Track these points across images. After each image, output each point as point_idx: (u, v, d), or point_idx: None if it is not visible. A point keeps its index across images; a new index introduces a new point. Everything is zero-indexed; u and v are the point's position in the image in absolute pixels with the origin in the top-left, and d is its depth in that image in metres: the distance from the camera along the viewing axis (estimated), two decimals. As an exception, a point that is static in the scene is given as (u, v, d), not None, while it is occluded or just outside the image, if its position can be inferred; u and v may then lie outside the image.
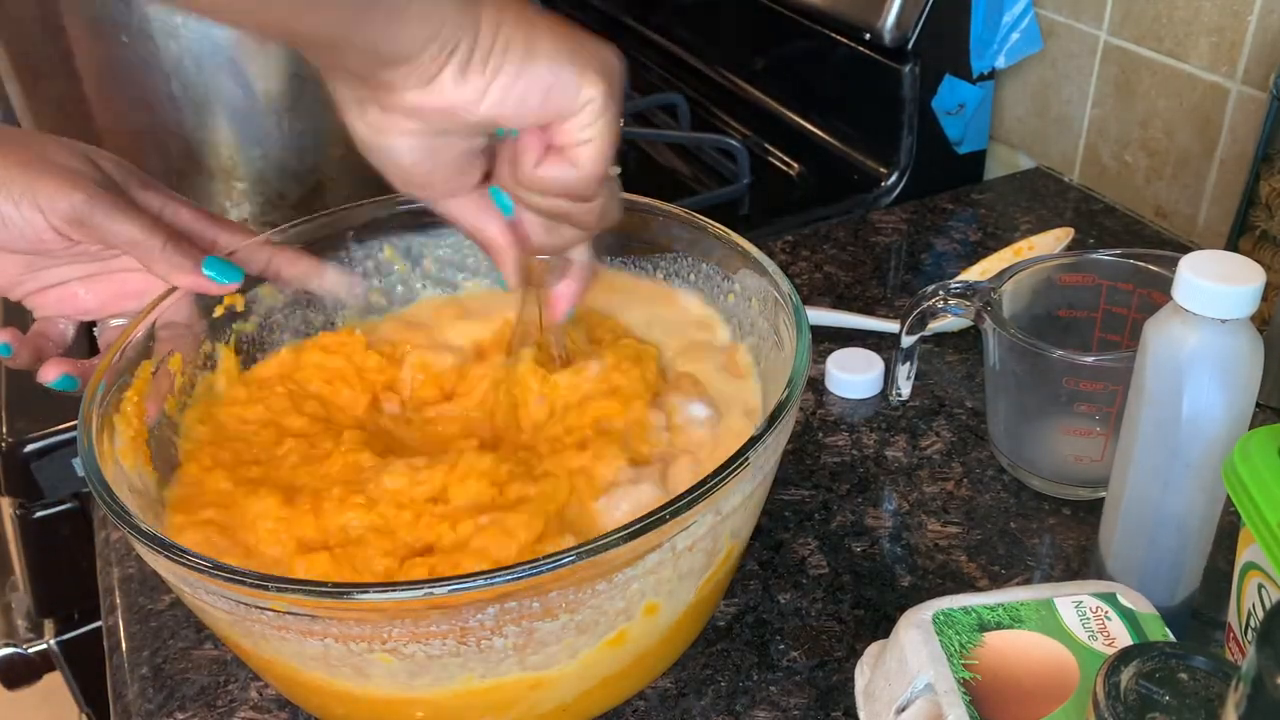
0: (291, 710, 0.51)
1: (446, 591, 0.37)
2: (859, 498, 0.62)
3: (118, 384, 0.49)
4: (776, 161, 1.02)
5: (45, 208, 0.49)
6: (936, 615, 0.43)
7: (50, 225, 0.49)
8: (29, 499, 0.72)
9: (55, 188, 0.49)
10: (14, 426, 0.70)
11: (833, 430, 0.67)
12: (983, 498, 0.61)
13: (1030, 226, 0.86)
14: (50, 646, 0.77)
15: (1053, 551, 0.58)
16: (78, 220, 0.49)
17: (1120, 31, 0.83)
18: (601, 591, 0.41)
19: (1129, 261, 0.58)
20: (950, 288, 0.58)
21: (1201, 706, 0.34)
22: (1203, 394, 0.43)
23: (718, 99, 1.11)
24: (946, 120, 0.92)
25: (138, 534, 0.41)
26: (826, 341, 0.73)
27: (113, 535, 0.62)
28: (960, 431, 0.66)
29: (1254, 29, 0.73)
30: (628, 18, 1.27)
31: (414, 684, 0.42)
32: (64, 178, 0.49)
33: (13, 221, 0.49)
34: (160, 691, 0.53)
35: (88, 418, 0.47)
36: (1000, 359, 0.58)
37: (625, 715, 0.50)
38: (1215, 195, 0.80)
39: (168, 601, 0.57)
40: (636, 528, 0.39)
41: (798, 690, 0.51)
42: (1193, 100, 0.79)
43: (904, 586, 0.56)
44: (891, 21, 0.87)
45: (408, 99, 0.41)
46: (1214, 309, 0.42)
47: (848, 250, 0.85)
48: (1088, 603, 0.44)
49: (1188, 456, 0.45)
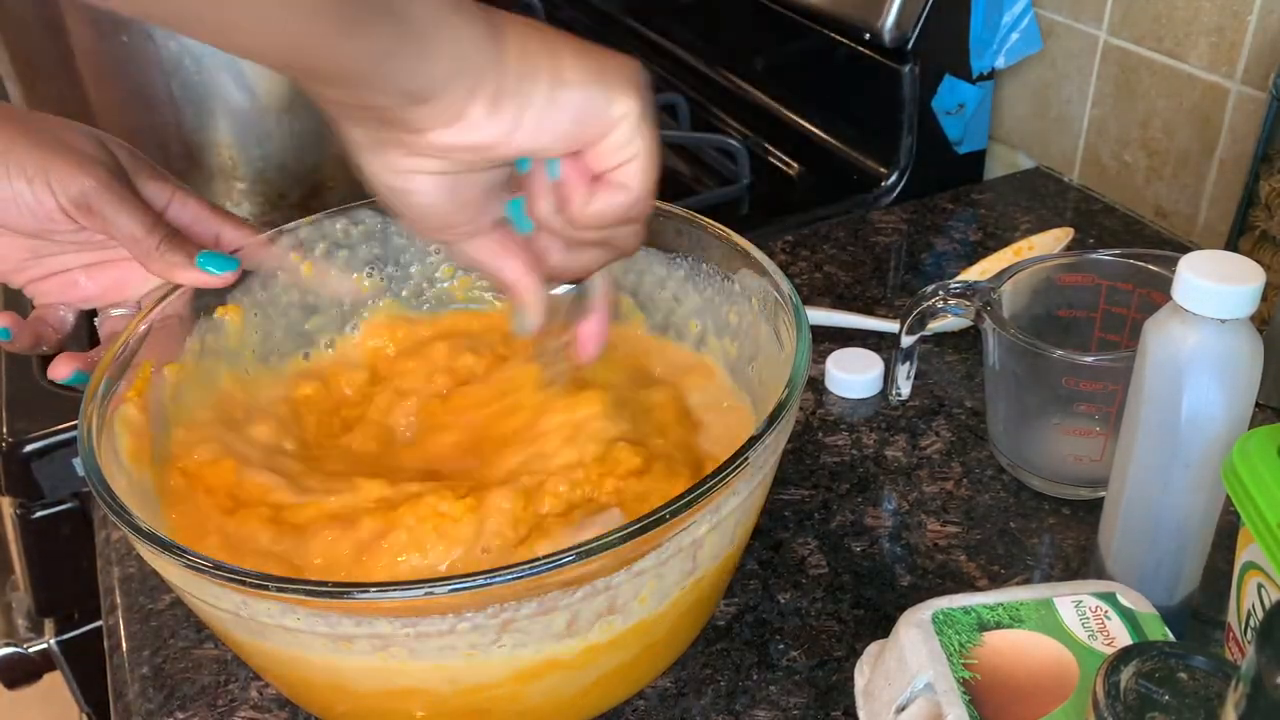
0: (291, 710, 0.51)
1: (447, 591, 0.37)
2: (859, 497, 0.62)
3: (119, 383, 0.49)
4: (776, 161, 1.02)
5: (57, 189, 0.49)
6: (936, 615, 0.43)
7: (60, 206, 0.50)
8: (29, 499, 0.72)
9: (69, 170, 0.49)
10: (14, 426, 0.70)
11: (833, 430, 0.67)
12: (982, 497, 0.61)
13: (1030, 226, 0.86)
14: (50, 646, 0.77)
15: (1052, 551, 0.58)
16: (85, 206, 0.50)
17: (1120, 31, 0.83)
18: (601, 591, 0.41)
19: (1129, 261, 0.58)
20: (950, 288, 0.58)
21: (1201, 706, 0.34)
22: (1202, 394, 0.43)
23: (718, 99, 1.11)
24: (946, 120, 0.92)
25: (138, 534, 0.41)
26: (826, 341, 0.73)
27: (113, 535, 0.62)
28: (960, 431, 0.66)
29: (1254, 29, 0.73)
30: (628, 18, 1.27)
31: (414, 683, 0.42)
32: (78, 161, 0.50)
33: (24, 200, 0.49)
34: (160, 691, 0.53)
35: (88, 418, 0.47)
36: (1000, 359, 0.58)
37: (625, 715, 0.50)
38: (1215, 195, 0.80)
39: (168, 601, 0.57)
40: (636, 528, 0.39)
41: (798, 690, 0.51)
42: (1192, 100, 0.79)
43: (904, 586, 0.56)
44: (891, 21, 0.87)
45: (436, 138, 0.39)
46: (1214, 309, 0.42)
47: (848, 250, 0.85)
48: (1087, 602, 0.44)
49: (1187, 456, 0.45)
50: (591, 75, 0.40)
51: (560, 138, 0.41)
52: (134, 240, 0.50)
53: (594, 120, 0.41)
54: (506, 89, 0.39)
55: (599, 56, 0.41)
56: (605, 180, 0.42)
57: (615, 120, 0.41)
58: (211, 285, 0.53)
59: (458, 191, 0.42)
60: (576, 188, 0.42)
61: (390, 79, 0.37)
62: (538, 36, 0.40)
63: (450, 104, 0.38)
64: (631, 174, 0.42)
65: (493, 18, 0.39)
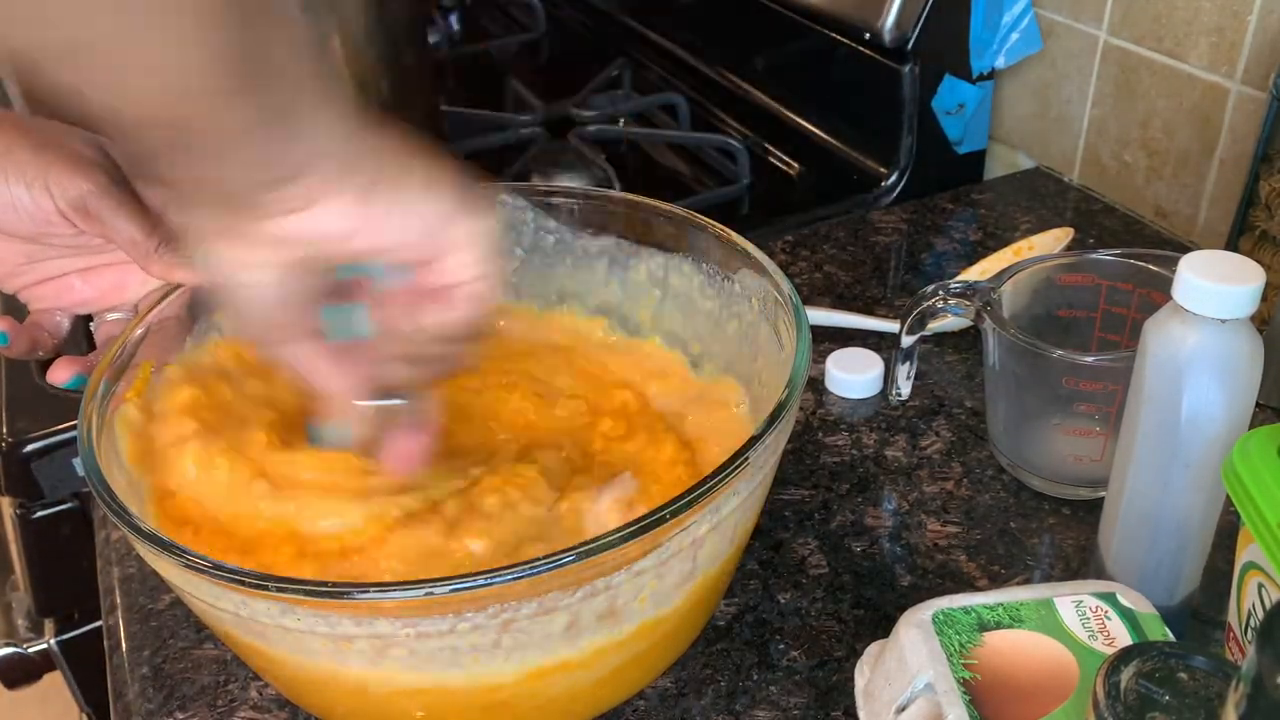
0: (291, 710, 0.51)
1: (447, 591, 0.37)
2: (859, 497, 0.62)
3: (118, 383, 0.49)
4: (776, 161, 1.02)
5: (56, 192, 0.49)
6: (936, 615, 0.43)
7: (59, 209, 0.50)
8: (29, 499, 0.72)
9: (68, 174, 0.49)
10: (14, 426, 0.70)
11: (832, 430, 0.67)
12: (982, 497, 0.61)
13: (1030, 226, 0.86)
14: (50, 646, 0.77)
15: (1053, 551, 0.58)
16: (84, 209, 0.50)
17: (1120, 31, 0.83)
18: (600, 591, 0.41)
19: (1129, 261, 0.58)
20: (950, 288, 0.58)
21: (1201, 706, 0.34)
22: (1202, 394, 0.43)
23: (718, 99, 1.11)
24: (946, 120, 0.92)
25: (138, 534, 0.41)
26: (826, 341, 0.73)
27: (113, 535, 0.62)
28: (960, 431, 0.66)
29: (1254, 29, 0.73)
30: (628, 18, 1.27)
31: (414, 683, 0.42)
32: (77, 165, 0.50)
33: (23, 205, 0.49)
34: (160, 691, 0.53)
35: (88, 418, 0.47)
36: (1000, 359, 0.58)
37: (625, 715, 0.50)
38: (1215, 195, 0.80)
39: (168, 601, 0.57)
40: (635, 528, 0.39)
41: (798, 690, 0.51)
42: (1192, 100, 0.79)
43: (904, 586, 0.56)
44: (891, 21, 0.87)
45: (279, 225, 0.38)
46: (1214, 309, 0.42)
47: (848, 250, 0.85)
48: (1087, 602, 0.44)
49: (1188, 456, 0.45)
50: (447, 190, 0.40)
51: (409, 242, 0.41)
52: (133, 243, 0.51)
53: (447, 230, 0.41)
54: (380, 184, 0.39)
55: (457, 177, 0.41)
56: (447, 296, 0.42)
57: (468, 236, 0.41)
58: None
59: (287, 293, 0.41)
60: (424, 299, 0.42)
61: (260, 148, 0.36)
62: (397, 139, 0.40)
63: (306, 189, 0.38)
64: (478, 293, 0.42)
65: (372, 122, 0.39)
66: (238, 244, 0.39)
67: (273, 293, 0.41)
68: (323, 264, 0.41)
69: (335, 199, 0.38)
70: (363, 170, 0.39)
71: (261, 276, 0.40)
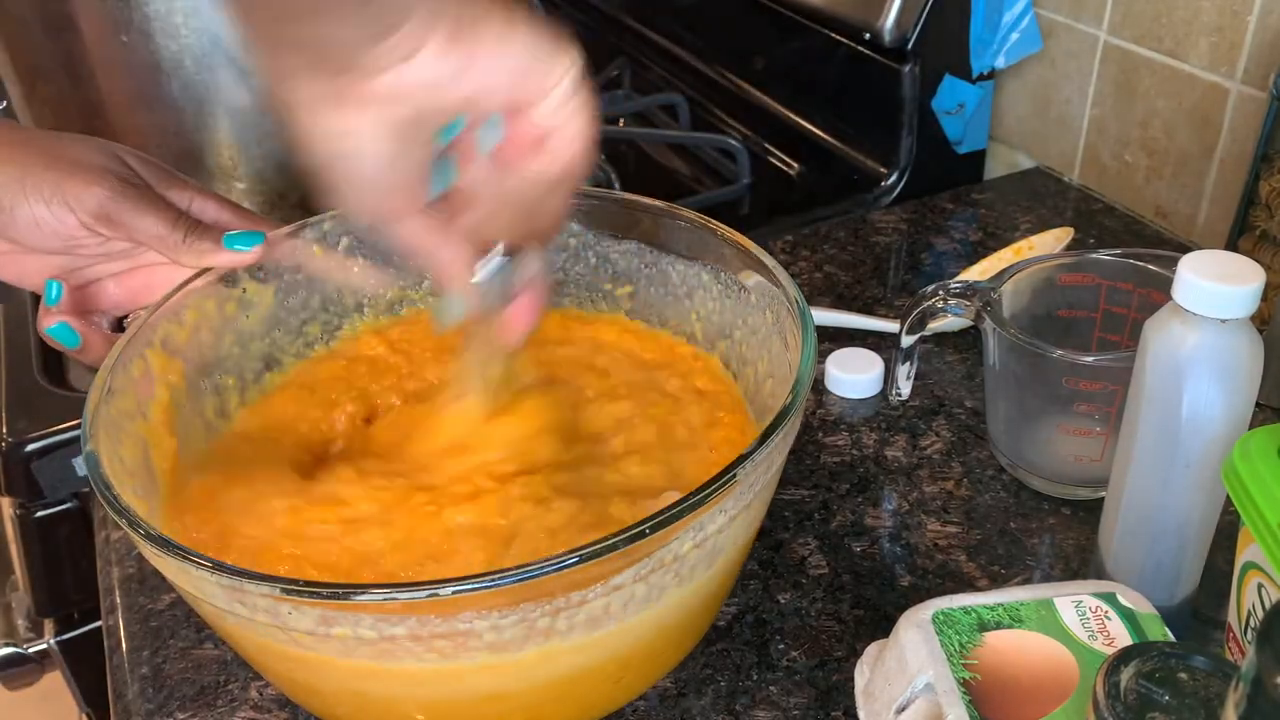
0: (291, 710, 0.51)
1: (450, 593, 0.37)
2: (859, 497, 0.62)
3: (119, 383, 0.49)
4: (776, 161, 1.02)
5: (74, 205, 0.50)
6: (936, 615, 0.43)
7: (81, 222, 0.50)
8: (29, 499, 0.72)
9: (83, 185, 0.50)
10: (14, 426, 0.71)
11: (833, 430, 0.67)
12: (982, 497, 0.61)
13: (1030, 226, 0.86)
14: (50, 646, 0.77)
15: (1053, 551, 0.58)
16: (105, 216, 0.50)
17: (1120, 31, 0.83)
18: (602, 592, 0.41)
19: (1129, 261, 0.58)
20: (950, 288, 0.58)
21: (1201, 706, 0.34)
22: (1202, 394, 0.43)
23: (718, 99, 1.11)
24: (946, 120, 0.92)
25: (139, 533, 0.41)
26: (826, 341, 0.73)
27: (113, 535, 0.62)
28: (960, 431, 0.66)
29: (1254, 29, 0.73)
30: (628, 18, 1.27)
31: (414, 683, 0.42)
32: (90, 174, 0.50)
33: (46, 222, 0.50)
34: (160, 691, 0.53)
35: (88, 417, 0.47)
36: (1000, 359, 0.58)
37: (625, 715, 0.50)
38: (1215, 195, 0.80)
39: (168, 601, 0.57)
40: (644, 528, 0.39)
41: (798, 690, 0.51)
42: (1192, 100, 0.79)
43: (904, 586, 0.56)
44: (891, 21, 0.87)
45: (384, 81, 0.38)
46: (1214, 309, 0.42)
47: (848, 250, 0.85)
48: (1087, 602, 0.44)
49: (1187, 456, 0.45)
50: (538, 28, 0.41)
51: (507, 83, 0.40)
52: (159, 238, 0.51)
53: (540, 69, 0.41)
54: (464, 23, 0.39)
55: (543, 22, 0.41)
56: (541, 145, 0.42)
57: (560, 74, 0.41)
58: (244, 263, 0.53)
59: (398, 160, 0.41)
60: (516, 147, 0.42)
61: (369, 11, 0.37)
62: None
63: (409, 35, 0.38)
64: (568, 139, 0.42)
65: None
66: (349, 110, 0.39)
67: (385, 162, 0.41)
68: (429, 124, 0.41)
69: (431, 44, 0.38)
70: (447, 14, 0.39)
71: (374, 145, 0.40)
